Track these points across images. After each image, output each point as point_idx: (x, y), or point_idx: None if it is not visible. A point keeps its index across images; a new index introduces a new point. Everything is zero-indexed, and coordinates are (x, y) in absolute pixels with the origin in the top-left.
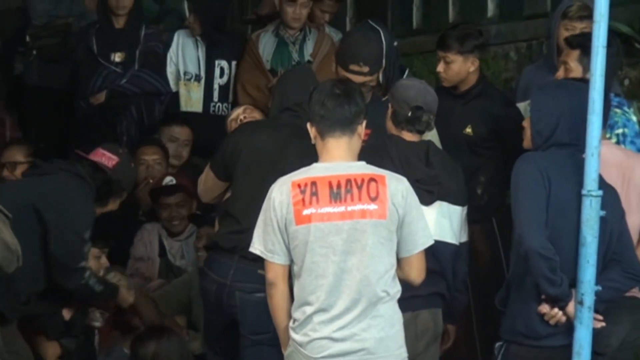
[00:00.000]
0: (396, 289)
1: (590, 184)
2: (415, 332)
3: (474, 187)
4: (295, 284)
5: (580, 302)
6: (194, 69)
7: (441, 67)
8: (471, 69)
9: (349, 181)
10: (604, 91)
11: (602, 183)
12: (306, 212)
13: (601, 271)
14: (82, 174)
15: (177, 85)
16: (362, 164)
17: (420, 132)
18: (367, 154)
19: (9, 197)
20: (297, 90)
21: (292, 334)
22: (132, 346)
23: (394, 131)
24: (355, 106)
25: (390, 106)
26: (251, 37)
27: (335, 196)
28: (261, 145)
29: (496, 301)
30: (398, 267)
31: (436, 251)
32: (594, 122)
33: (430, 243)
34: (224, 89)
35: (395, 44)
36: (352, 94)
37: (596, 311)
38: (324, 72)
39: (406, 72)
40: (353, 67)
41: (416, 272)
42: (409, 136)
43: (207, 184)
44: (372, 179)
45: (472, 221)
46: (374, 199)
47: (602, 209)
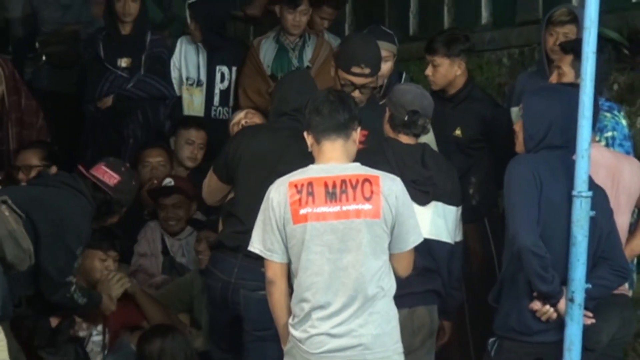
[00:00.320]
0: (390, 285)
1: (581, 185)
2: (412, 328)
3: (466, 188)
4: (294, 281)
5: (571, 299)
6: (195, 74)
7: (429, 71)
8: (458, 72)
9: (344, 182)
10: (594, 95)
11: (592, 184)
12: (303, 211)
13: (591, 269)
14: (83, 190)
15: (179, 89)
16: (357, 165)
17: (417, 135)
18: (364, 156)
19: (11, 197)
20: (295, 95)
21: (292, 330)
22: (139, 344)
23: (391, 134)
24: (350, 112)
25: (387, 110)
26: (253, 43)
27: (330, 196)
28: (262, 148)
29: (489, 298)
30: None
31: (432, 250)
32: (584, 126)
33: (420, 241)
34: (224, 94)
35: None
36: (346, 100)
37: (586, 308)
38: (322, 77)
39: (404, 77)
40: (355, 69)
41: (403, 268)
42: (405, 139)
43: (210, 187)
44: (366, 180)
45: (464, 221)
46: (368, 199)
47: (592, 209)
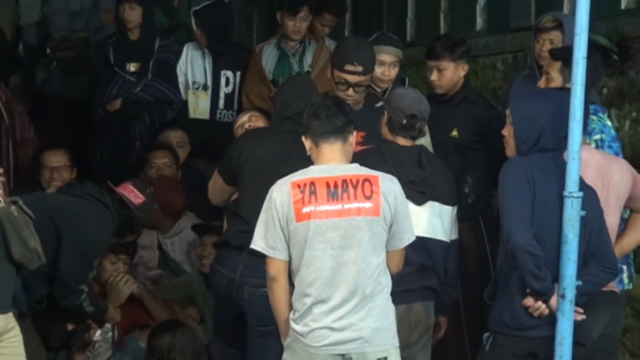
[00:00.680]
0: (387, 281)
1: (572, 186)
2: (409, 324)
3: (462, 187)
4: (295, 277)
5: (562, 296)
6: (201, 78)
7: (435, 76)
8: (461, 74)
9: (345, 181)
10: (584, 99)
11: (582, 184)
12: (306, 210)
13: (581, 267)
14: (109, 205)
15: (186, 93)
16: (356, 165)
17: (414, 138)
18: (363, 157)
19: (38, 203)
20: (297, 100)
21: (293, 324)
22: (149, 339)
23: (389, 136)
24: (346, 116)
25: (386, 113)
26: (255, 49)
27: (332, 195)
28: (266, 152)
29: (485, 295)
30: None
31: (428, 248)
32: (574, 129)
33: (413, 239)
34: (229, 97)
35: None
36: (342, 105)
37: (577, 304)
38: (321, 81)
39: (407, 82)
40: (348, 67)
41: (396, 265)
42: (403, 141)
43: (215, 188)
44: (366, 179)
45: (460, 219)
46: (368, 198)
47: (583, 209)
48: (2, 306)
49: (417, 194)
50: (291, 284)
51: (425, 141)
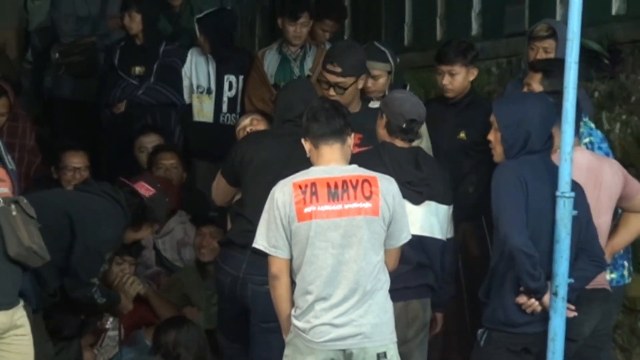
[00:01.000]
0: (386, 278)
1: (564, 186)
2: (406, 320)
3: (466, 186)
4: (297, 275)
5: (555, 293)
6: (205, 83)
7: (447, 80)
8: (471, 78)
9: (345, 182)
10: (576, 102)
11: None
12: (307, 210)
13: (572, 263)
14: (122, 202)
15: (190, 97)
16: (355, 166)
17: (411, 140)
18: (362, 158)
19: (54, 198)
20: (298, 103)
21: (295, 321)
22: (155, 335)
23: (387, 139)
24: (344, 118)
25: (384, 116)
26: (257, 54)
27: (333, 195)
28: (268, 155)
29: (480, 294)
30: None
31: (425, 246)
32: (566, 131)
33: (409, 238)
34: (232, 101)
35: (397, 61)
36: (339, 108)
37: (569, 300)
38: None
39: (407, 88)
40: (328, 66)
41: (393, 262)
42: (400, 143)
43: (219, 189)
44: (365, 180)
45: (463, 218)
46: (368, 198)
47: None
48: (3, 303)
49: (414, 194)
50: (292, 282)
51: (426, 145)
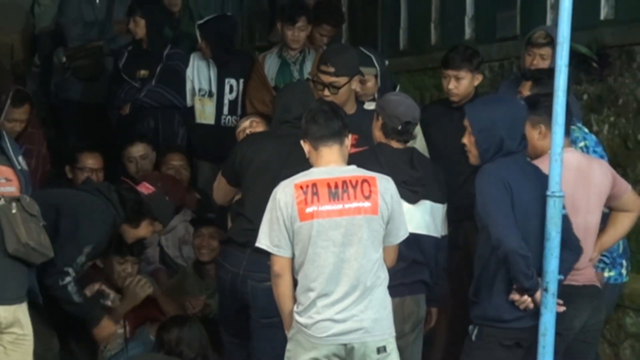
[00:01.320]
0: (385, 275)
1: (554, 186)
2: (402, 316)
3: (470, 187)
4: (299, 273)
5: (545, 289)
6: (207, 86)
7: (452, 84)
8: (476, 83)
9: (344, 182)
10: (566, 105)
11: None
12: (309, 210)
13: None
14: (114, 200)
15: (192, 100)
16: (354, 167)
17: (407, 141)
18: (358, 159)
19: (51, 195)
20: (297, 105)
21: (297, 317)
22: (158, 333)
23: (382, 140)
24: (342, 120)
25: (380, 118)
26: (258, 58)
27: (333, 195)
28: (267, 155)
29: (470, 293)
30: None
31: (421, 244)
32: (557, 132)
33: (406, 236)
34: (233, 104)
35: (386, 63)
36: (337, 110)
37: (558, 296)
38: None
39: (397, 88)
40: (322, 67)
41: (391, 259)
42: (396, 144)
43: (220, 189)
44: (364, 180)
45: (466, 218)
46: (367, 197)
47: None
48: (4, 297)
49: (410, 193)
50: (294, 279)
51: (421, 146)
